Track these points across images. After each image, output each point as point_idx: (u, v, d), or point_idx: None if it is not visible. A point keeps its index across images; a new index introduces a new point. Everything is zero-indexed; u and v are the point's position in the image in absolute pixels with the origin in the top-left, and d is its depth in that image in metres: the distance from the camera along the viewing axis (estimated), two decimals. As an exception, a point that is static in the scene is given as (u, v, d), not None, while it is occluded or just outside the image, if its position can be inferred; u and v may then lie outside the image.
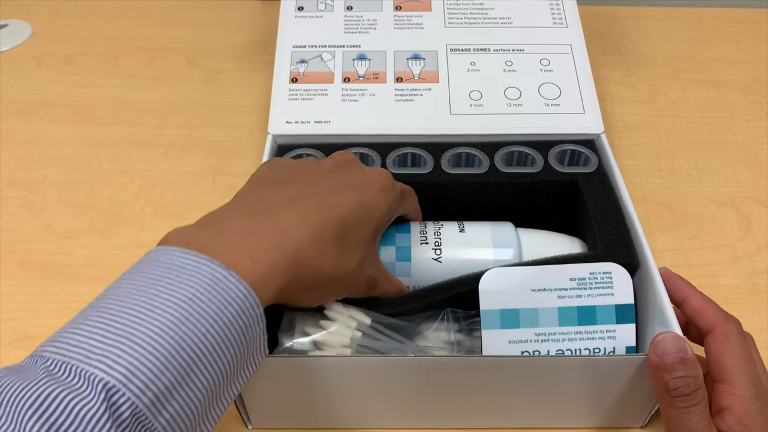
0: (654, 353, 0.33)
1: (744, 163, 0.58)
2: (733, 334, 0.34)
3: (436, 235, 0.42)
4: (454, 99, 0.51)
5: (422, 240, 0.42)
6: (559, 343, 0.38)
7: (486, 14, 0.55)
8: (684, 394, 0.33)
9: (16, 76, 0.68)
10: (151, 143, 0.60)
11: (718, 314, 0.36)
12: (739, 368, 0.33)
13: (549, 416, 0.40)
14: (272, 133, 0.49)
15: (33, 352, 0.26)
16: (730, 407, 0.33)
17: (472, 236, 0.43)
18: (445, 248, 0.42)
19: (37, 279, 0.50)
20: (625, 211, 0.43)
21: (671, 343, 0.33)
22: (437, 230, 0.43)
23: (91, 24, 0.75)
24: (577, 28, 0.54)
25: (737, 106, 0.64)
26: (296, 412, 0.40)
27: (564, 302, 0.38)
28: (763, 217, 0.54)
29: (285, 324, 0.38)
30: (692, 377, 0.33)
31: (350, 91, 0.51)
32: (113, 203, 0.55)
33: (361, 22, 0.55)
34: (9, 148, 0.60)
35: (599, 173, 0.46)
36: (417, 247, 0.42)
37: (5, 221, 0.54)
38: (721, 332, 0.35)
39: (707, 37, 0.72)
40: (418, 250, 0.42)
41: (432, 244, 0.42)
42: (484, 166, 0.47)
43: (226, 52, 0.70)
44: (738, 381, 0.33)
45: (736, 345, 0.34)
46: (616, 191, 0.45)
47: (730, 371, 0.33)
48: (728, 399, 0.33)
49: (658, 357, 0.33)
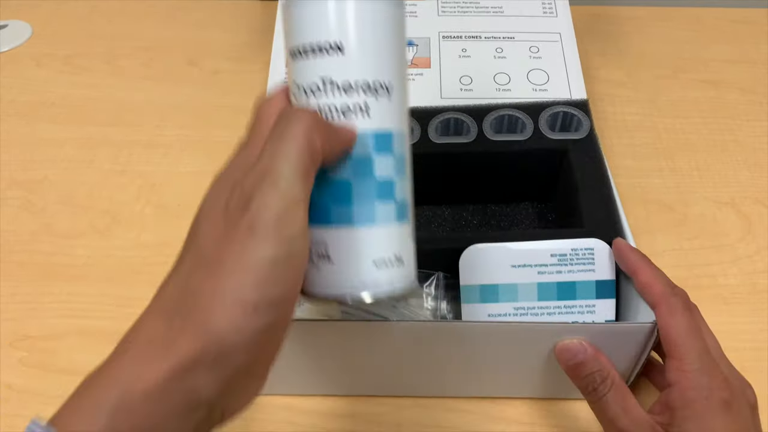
0: (561, 361, 0.36)
1: (744, 163, 0.58)
2: (678, 308, 0.34)
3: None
4: (444, 83, 0.52)
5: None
6: (537, 317, 0.39)
7: (478, 3, 0.57)
8: (594, 389, 0.35)
9: (16, 77, 0.68)
10: (151, 143, 0.60)
11: (664, 288, 0.35)
12: (684, 343, 0.33)
13: (523, 385, 0.41)
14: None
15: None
16: (677, 382, 0.33)
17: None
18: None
19: (37, 279, 0.50)
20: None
21: (571, 348, 0.35)
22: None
23: (91, 24, 0.75)
24: (567, 17, 0.55)
25: (737, 106, 0.64)
26: (277, 378, 0.41)
27: (544, 278, 0.39)
28: (763, 217, 0.54)
29: None
30: (597, 371, 0.35)
31: None
32: (113, 204, 0.55)
33: None
34: (9, 149, 0.60)
35: (590, 140, 0.47)
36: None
37: (5, 222, 0.54)
38: (666, 307, 0.34)
39: (707, 37, 0.72)
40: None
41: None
42: (472, 134, 0.47)
43: (226, 52, 0.70)
44: (685, 356, 0.33)
45: (682, 319, 0.34)
46: (605, 163, 0.46)
47: (676, 346, 0.33)
48: (675, 374, 0.33)
49: (564, 364, 0.36)
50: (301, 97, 0.27)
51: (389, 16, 0.27)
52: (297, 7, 0.27)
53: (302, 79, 0.27)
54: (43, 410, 0.44)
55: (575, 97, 0.50)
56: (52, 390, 0.44)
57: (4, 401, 0.43)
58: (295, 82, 0.27)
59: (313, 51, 0.27)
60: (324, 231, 0.27)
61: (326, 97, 0.27)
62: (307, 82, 0.27)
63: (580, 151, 0.47)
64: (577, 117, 0.48)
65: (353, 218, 0.27)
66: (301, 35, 0.27)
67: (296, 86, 0.27)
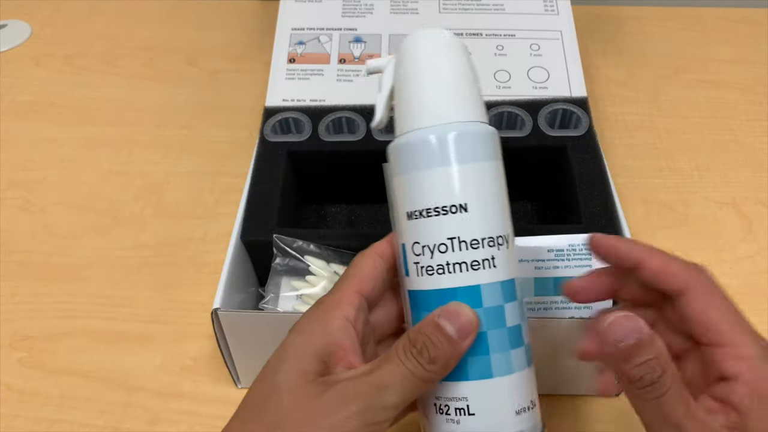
0: (608, 342, 0.27)
1: (744, 163, 0.58)
2: (714, 286, 0.28)
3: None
4: None
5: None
6: (534, 312, 0.39)
7: (480, 0, 0.57)
8: (652, 382, 0.26)
9: (16, 77, 0.68)
10: (151, 143, 0.60)
11: (687, 268, 0.29)
12: (735, 325, 0.27)
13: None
14: (267, 106, 0.50)
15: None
16: (738, 374, 0.26)
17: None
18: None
19: (37, 279, 0.50)
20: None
21: (624, 324, 0.26)
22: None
23: (91, 24, 0.74)
24: (568, 15, 0.55)
25: (738, 106, 0.64)
26: None
27: (541, 273, 0.39)
28: (763, 218, 0.54)
29: (272, 281, 0.40)
30: (655, 359, 0.26)
31: (345, 72, 0.52)
32: (113, 204, 0.55)
33: (359, 6, 0.57)
34: (8, 149, 0.60)
35: (589, 137, 0.47)
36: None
37: (5, 222, 0.54)
38: (701, 289, 0.28)
39: (708, 37, 0.72)
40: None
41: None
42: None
43: (226, 52, 0.70)
44: (741, 342, 0.27)
45: (721, 299, 0.28)
46: (603, 160, 0.46)
47: (725, 331, 0.27)
48: (732, 365, 0.27)
49: (612, 345, 0.26)
50: (425, 255, 0.28)
51: (498, 170, 0.29)
52: (419, 175, 0.28)
53: (427, 239, 0.28)
54: (43, 410, 0.44)
55: (575, 95, 0.50)
56: (51, 390, 0.44)
57: (3, 401, 0.43)
58: (418, 242, 0.28)
59: (437, 213, 0.28)
60: (463, 386, 0.28)
61: (454, 254, 0.28)
62: (433, 241, 0.28)
63: (578, 148, 0.47)
64: (576, 114, 0.49)
65: (492, 369, 0.28)
66: (425, 199, 0.28)
67: (419, 246, 0.28)
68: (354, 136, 0.48)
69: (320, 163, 0.49)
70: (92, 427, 0.42)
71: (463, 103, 0.29)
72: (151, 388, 0.44)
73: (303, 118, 0.49)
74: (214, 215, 0.54)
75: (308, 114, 0.50)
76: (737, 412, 0.26)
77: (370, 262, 0.31)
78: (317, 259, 0.42)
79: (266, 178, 0.46)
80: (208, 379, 0.44)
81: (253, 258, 0.45)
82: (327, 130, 0.49)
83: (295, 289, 0.41)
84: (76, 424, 0.42)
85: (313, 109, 0.50)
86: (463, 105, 0.29)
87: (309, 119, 0.49)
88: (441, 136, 0.28)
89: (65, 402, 0.43)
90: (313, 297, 0.41)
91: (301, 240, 0.42)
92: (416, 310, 0.29)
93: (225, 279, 0.40)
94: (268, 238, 0.42)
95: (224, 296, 0.39)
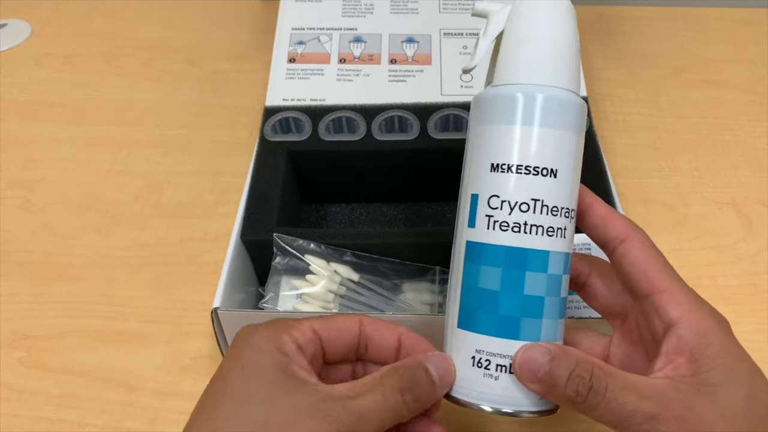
0: (528, 379, 0.27)
1: (745, 163, 0.58)
2: (648, 239, 0.30)
3: None
4: (445, 80, 0.52)
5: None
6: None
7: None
8: (588, 389, 0.26)
9: (16, 76, 0.68)
10: (150, 143, 0.60)
11: (627, 221, 0.30)
12: (670, 274, 0.29)
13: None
14: (267, 106, 0.51)
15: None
16: (679, 318, 0.27)
17: None
18: None
19: (37, 279, 0.50)
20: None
21: (535, 353, 0.27)
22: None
23: (91, 24, 0.74)
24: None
25: (738, 106, 0.64)
26: None
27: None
28: (763, 218, 0.54)
29: (272, 280, 0.40)
30: (575, 370, 0.26)
31: (345, 71, 0.53)
32: (113, 203, 0.55)
33: (359, 6, 0.57)
34: (8, 148, 0.60)
35: (588, 136, 0.47)
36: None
37: (4, 221, 0.54)
38: (637, 239, 0.29)
39: (708, 37, 0.72)
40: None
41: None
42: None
43: (226, 52, 0.70)
44: (677, 288, 0.28)
45: (656, 251, 0.29)
46: (603, 159, 0.46)
47: (663, 279, 0.28)
48: (675, 308, 0.27)
49: (534, 381, 0.27)
50: (502, 209, 0.28)
51: (582, 145, 0.30)
52: (516, 129, 0.28)
53: (509, 195, 0.28)
54: (43, 410, 0.44)
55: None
56: (51, 390, 0.43)
57: (3, 401, 0.43)
58: (497, 196, 0.28)
59: (527, 172, 0.28)
60: (511, 344, 0.28)
61: (534, 216, 0.28)
62: (516, 198, 0.28)
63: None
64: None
65: (542, 334, 0.28)
66: (518, 155, 0.28)
67: (497, 199, 0.28)
68: (354, 135, 0.48)
69: (320, 162, 0.49)
70: (92, 426, 0.42)
71: (574, 73, 0.29)
72: (150, 387, 0.43)
73: (303, 117, 0.49)
74: (214, 215, 0.54)
75: (308, 113, 0.50)
76: (687, 357, 0.26)
77: (345, 323, 0.30)
78: (317, 258, 0.42)
79: (266, 178, 0.46)
80: (207, 379, 0.43)
81: (253, 257, 0.45)
82: (327, 129, 0.49)
83: (295, 288, 0.41)
84: (75, 424, 0.42)
85: (313, 108, 0.50)
86: (574, 75, 0.29)
87: (309, 119, 0.49)
88: (550, 97, 0.28)
89: (65, 401, 0.43)
90: (313, 296, 0.41)
91: (301, 239, 0.42)
92: (472, 262, 0.29)
93: (225, 278, 0.40)
94: (268, 238, 0.42)
95: (224, 296, 0.39)
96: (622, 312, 0.31)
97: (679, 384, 0.26)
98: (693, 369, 0.26)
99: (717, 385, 0.26)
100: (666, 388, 0.26)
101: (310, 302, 0.40)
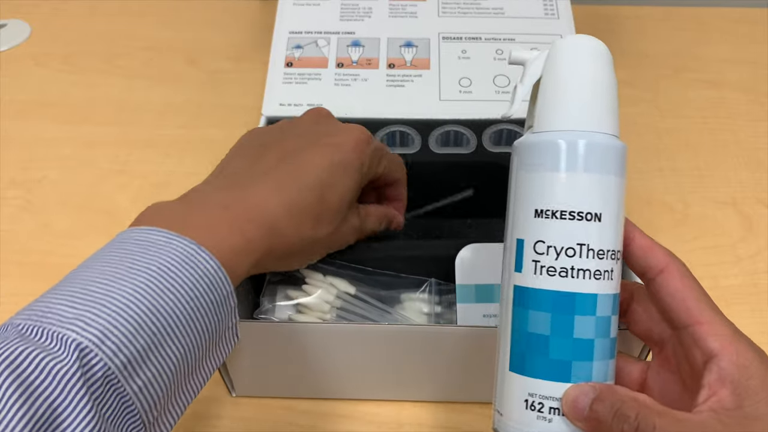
0: (576, 418, 0.27)
1: (745, 163, 0.58)
2: (687, 270, 0.30)
3: None
4: (444, 85, 0.51)
5: None
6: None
7: (479, 4, 0.56)
8: (635, 429, 0.26)
9: (15, 76, 0.68)
10: (150, 143, 0.60)
11: (665, 251, 0.30)
12: (709, 305, 0.29)
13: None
14: (266, 115, 0.50)
15: (3, 323, 0.26)
16: (720, 350, 0.27)
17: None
18: None
19: (36, 279, 0.50)
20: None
21: (580, 392, 0.27)
22: None
23: (90, 24, 0.74)
24: (569, 18, 0.55)
25: (738, 106, 0.64)
26: (278, 381, 0.42)
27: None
28: (764, 218, 0.54)
29: (268, 290, 0.39)
30: (619, 409, 0.26)
31: (343, 76, 0.52)
32: (113, 203, 0.55)
33: (357, 10, 0.56)
34: (8, 148, 0.60)
35: None
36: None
37: (4, 221, 0.54)
38: (677, 270, 0.29)
39: (708, 37, 0.72)
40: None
41: None
42: (471, 145, 0.47)
43: (226, 52, 0.70)
44: (717, 319, 0.28)
45: (695, 282, 0.29)
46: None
47: (703, 310, 0.28)
48: (714, 341, 0.27)
49: (580, 419, 0.27)
50: (548, 255, 0.28)
51: (624, 187, 0.30)
52: (560, 176, 0.28)
53: (555, 241, 0.28)
54: (43, 411, 0.44)
55: None
56: (51, 390, 0.43)
57: (3, 402, 0.43)
58: (543, 241, 0.28)
59: (572, 217, 0.28)
60: (563, 387, 0.28)
61: (581, 260, 0.28)
62: (561, 244, 0.28)
63: None
64: None
65: (593, 375, 0.28)
66: (561, 201, 0.28)
67: (543, 245, 0.28)
68: None
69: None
70: (92, 427, 0.42)
71: (614, 117, 0.29)
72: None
73: None
74: (214, 215, 0.54)
75: None
76: (730, 389, 0.26)
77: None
78: (313, 271, 0.41)
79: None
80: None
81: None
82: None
83: (291, 298, 0.40)
84: (75, 424, 0.42)
85: None
86: (613, 118, 0.29)
87: None
88: (592, 143, 0.28)
89: (65, 402, 0.43)
90: (309, 306, 0.40)
91: None
92: (521, 306, 0.29)
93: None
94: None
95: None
96: (660, 340, 0.31)
97: (723, 417, 0.26)
98: (736, 402, 0.26)
99: (761, 419, 0.26)
100: (712, 422, 0.26)
101: (307, 313, 0.40)
